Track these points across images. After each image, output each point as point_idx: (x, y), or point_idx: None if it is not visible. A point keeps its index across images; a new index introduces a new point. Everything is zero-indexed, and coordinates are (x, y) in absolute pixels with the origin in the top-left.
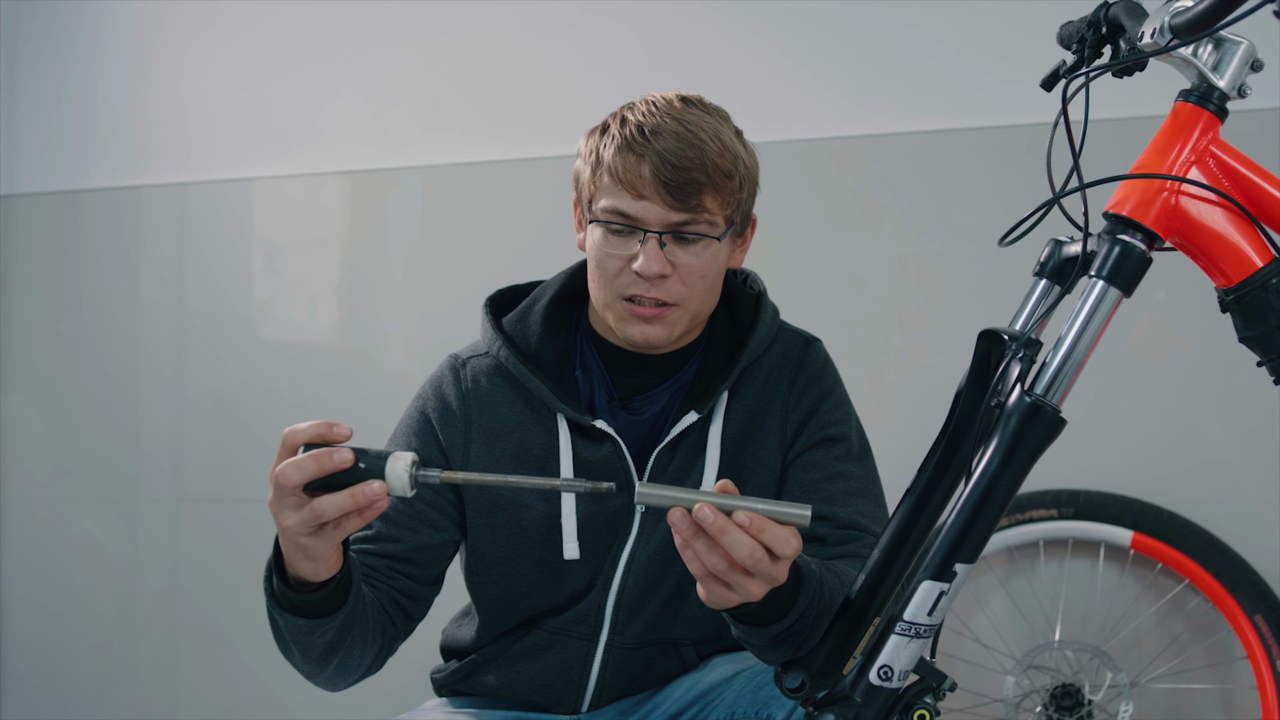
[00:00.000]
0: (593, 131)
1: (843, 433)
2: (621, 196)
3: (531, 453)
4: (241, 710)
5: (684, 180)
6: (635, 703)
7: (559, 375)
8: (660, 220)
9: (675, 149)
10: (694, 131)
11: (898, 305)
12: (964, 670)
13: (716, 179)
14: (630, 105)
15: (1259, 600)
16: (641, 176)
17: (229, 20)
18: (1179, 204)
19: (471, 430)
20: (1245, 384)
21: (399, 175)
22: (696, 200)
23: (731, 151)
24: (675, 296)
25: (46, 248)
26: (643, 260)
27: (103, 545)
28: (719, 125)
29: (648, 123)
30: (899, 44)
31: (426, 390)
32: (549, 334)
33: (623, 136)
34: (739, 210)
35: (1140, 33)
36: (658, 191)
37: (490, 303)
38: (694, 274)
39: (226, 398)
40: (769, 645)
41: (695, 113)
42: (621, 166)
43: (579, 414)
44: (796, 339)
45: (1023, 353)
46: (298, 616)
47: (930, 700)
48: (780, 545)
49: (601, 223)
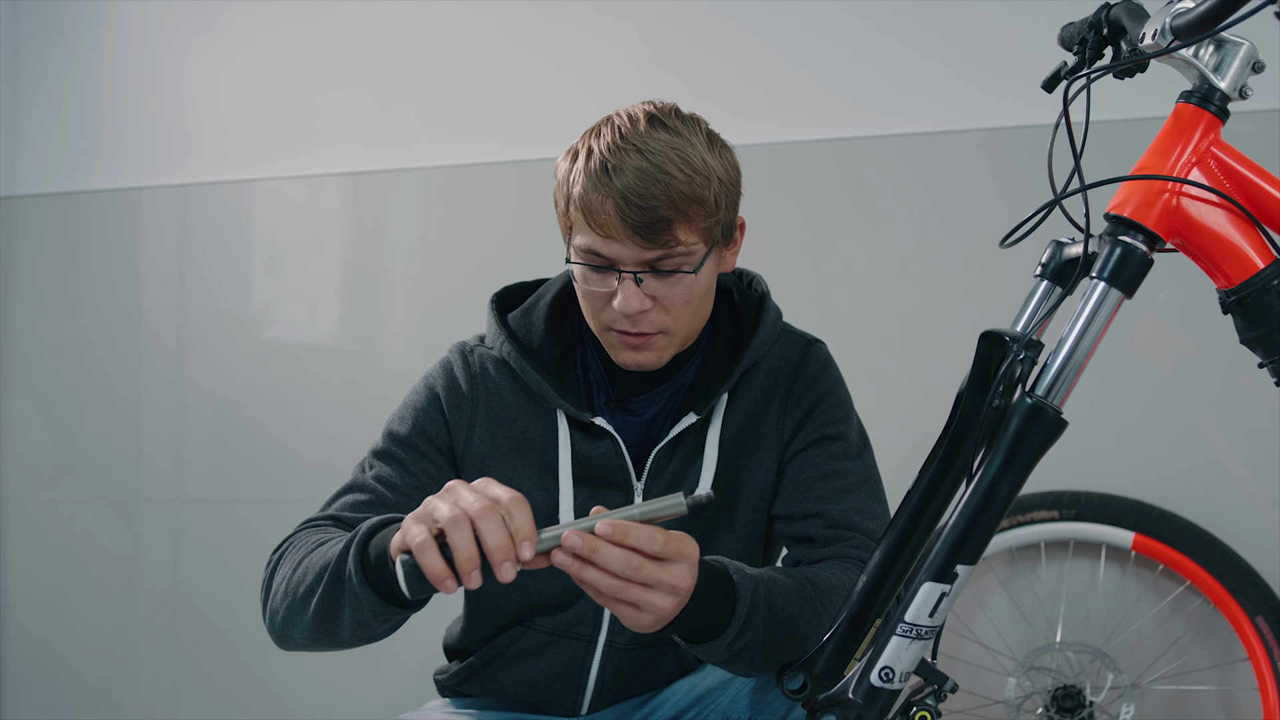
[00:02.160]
0: (567, 154)
1: (840, 431)
2: (593, 236)
3: (532, 444)
4: (242, 711)
5: (650, 220)
6: (634, 705)
7: (560, 372)
8: (633, 259)
9: (638, 187)
10: (658, 164)
11: (899, 306)
12: (965, 672)
13: (686, 209)
14: (598, 130)
15: (1260, 602)
16: (608, 216)
17: (230, 21)
18: (1180, 205)
19: (477, 414)
20: (1247, 385)
21: (400, 176)
22: (667, 235)
23: (701, 175)
24: (659, 326)
25: (48, 249)
26: (620, 299)
27: (104, 546)
28: (686, 146)
29: (609, 158)
30: (900, 45)
31: (436, 371)
32: (551, 331)
33: (586, 173)
34: (718, 227)
35: (1141, 34)
36: (624, 232)
37: (496, 299)
38: (675, 303)
39: (227, 399)
40: (729, 661)
41: (660, 137)
42: (587, 207)
43: (579, 410)
44: (798, 341)
45: (1024, 354)
46: (391, 602)
47: (931, 702)
48: (646, 543)
49: (579, 261)
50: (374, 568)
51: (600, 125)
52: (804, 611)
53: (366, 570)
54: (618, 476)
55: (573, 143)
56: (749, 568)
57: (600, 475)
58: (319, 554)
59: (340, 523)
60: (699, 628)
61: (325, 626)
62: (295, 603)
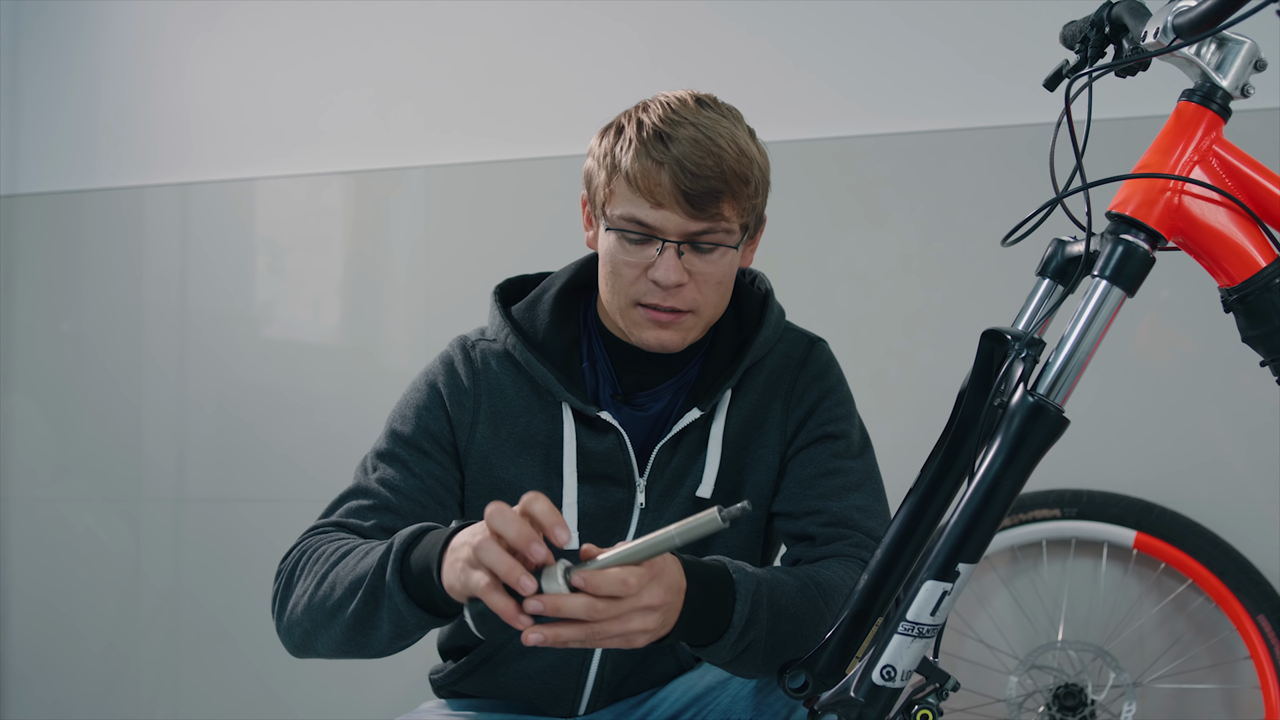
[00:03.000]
0: (606, 131)
1: (842, 429)
2: (639, 204)
3: (536, 439)
4: (244, 710)
5: (704, 189)
6: (632, 705)
7: (566, 365)
8: (679, 229)
9: (694, 156)
10: (711, 137)
11: (900, 305)
12: (967, 670)
13: (735, 186)
14: (644, 106)
15: (1262, 600)
16: (660, 185)
17: (231, 20)
18: (1182, 204)
19: (480, 410)
20: (1248, 384)
21: (402, 175)
22: (715, 209)
23: (748, 156)
24: (691, 304)
25: (49, 248)
26: (661, 270)
27: (105, 545)
28: (734, 128)
29: (664, 128)
30: (901, 44)
31: (436, 366)
32: (557, 324)
33: (639, 141)
34: (753, 214)
35: (1143, 32)
36: (677, 200)
37: (499, 291)
38: (709, 281)
39: (229, 398)
40: (734, 662)
41: (711, 115)
42: (640, 173)
43: (584, 404)
44: (801, 339)
45: (1026, 352)
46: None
47: (933, 700)
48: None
49: (617, 230)
50: (416, 582)
51: (644, 104)
52: (807, 610)
53: (408, 585)
54: (621, 472)
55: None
56: (750, 566)
57: (604, 471)
58: (346, 568)
59: (347, 530)
60: (700, 630)
61: (358, 640)
62: (322, 616)
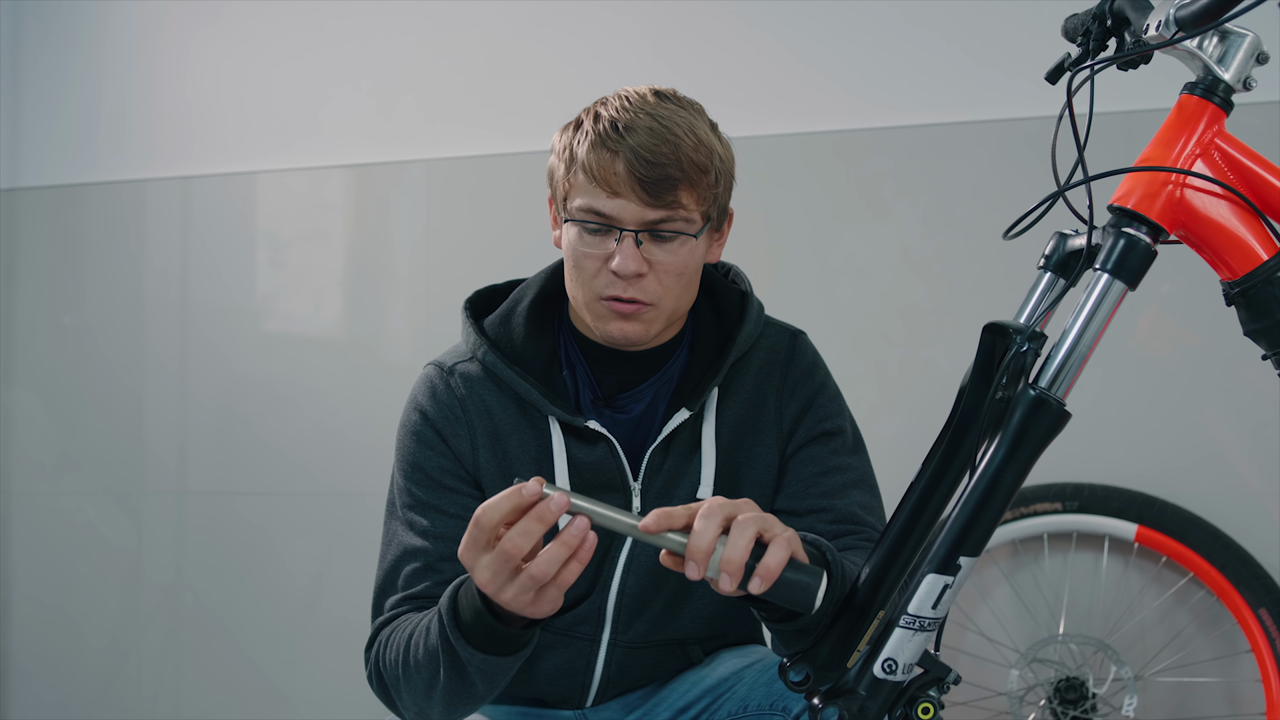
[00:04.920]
0: (566, 127)
1: (839, 425)
2: (596, 194)
3: (528, 455)
4: (246, 705)
5: (659, 176)
6: (640, 697)
7: (546, 376)
8: (636, 218)
9: (650, 144)
10: (668, 126)
11: (901, 299)
12: (968, 664)
13: (692, 174)
14: (603, 100)
15: (1263, 594)
16: (616, 173)
17: (232, 13)
18: (1184, 197)
19: (476, 436)
20: (1250, 377)
21: (403, 168)
22: (672, 197)
23: (707, 146)
24: (652, 295)
25: (51, 241)
26: (619, 259)
27: (107, 539)
28: (693, 119)
29: (621, 118)
30: (902, 37)
31: (424, 404)
32: (533, 335)
33: (596, 132)
34: (715, 205)
35: (1145, 25)
36: (633, 188)
37: (469, 304)
38: (670, 272)
39: (230, 391)
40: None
41: (669, 107)
42: (595, 163)
43: (571, 415)
44: (782, 333)
45: (1027, 346)
46: (512, 653)
47: (934, 693)
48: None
49: (577, 221)
50: (483, 639)
51: (604, 99)
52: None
53: (476, 643)
54: (615, 479)
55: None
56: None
57: (598, 480)
58: (422, 651)
59: (413, 601)
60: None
61: (461, 707)
62: (430, 700)
